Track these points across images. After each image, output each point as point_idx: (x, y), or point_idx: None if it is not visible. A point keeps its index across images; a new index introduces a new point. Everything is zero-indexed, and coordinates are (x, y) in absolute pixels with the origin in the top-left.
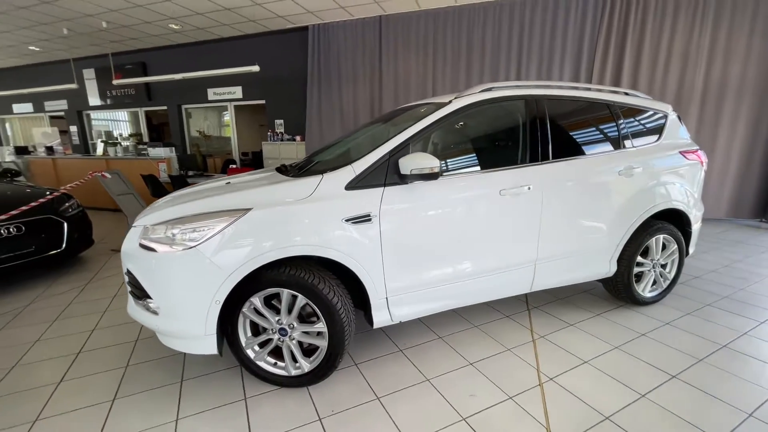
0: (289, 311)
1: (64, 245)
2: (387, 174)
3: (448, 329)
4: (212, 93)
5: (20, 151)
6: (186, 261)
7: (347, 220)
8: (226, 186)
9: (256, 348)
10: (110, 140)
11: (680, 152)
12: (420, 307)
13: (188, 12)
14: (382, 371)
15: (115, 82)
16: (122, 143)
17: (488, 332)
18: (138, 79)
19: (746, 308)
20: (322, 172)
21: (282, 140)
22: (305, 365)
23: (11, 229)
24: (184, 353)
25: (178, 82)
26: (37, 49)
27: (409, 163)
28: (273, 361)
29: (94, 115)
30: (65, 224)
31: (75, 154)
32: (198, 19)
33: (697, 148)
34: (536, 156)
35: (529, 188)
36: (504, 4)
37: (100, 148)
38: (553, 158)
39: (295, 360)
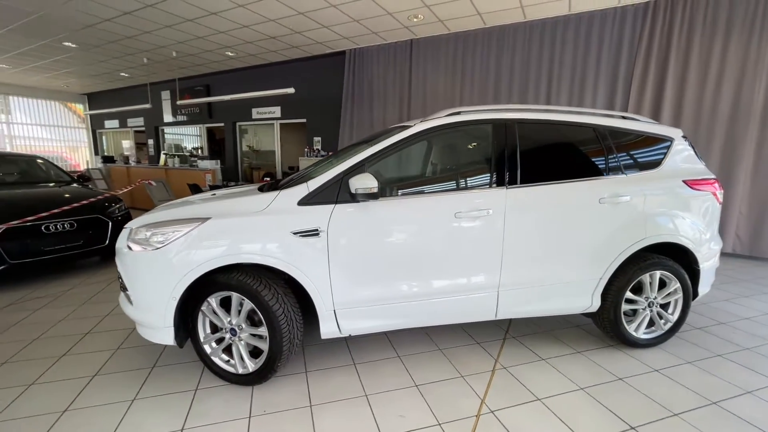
0: (240, 314)
1: (107, 241)
2: (339, 192)
3: (411, 349)
4: (255, 112)
5: (107, 160)
6: (152, 260)
7: (295, 233)
8: (208, 197)
9: (213, 344)
10: (171, 152)
11: (685, 182)
12: (370, 323)
13: (240, 41)
14: (328, 381)
15: (178, 102)
16: (178, 155)
17: (450, 356)
18: (196, 100)
19: None
20: (283, 188)
21: (317, 156)
22: (250, 365)
23: (65, 225)
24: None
25: (233, 101)
26: (126, 74)
27: (354, 183)
28: (227, 358)
29: (168, 129)
30: (110, 223)
31: (144, 164)
32: (248, 47)
33: (712, 178)
34: (502, 180)
35: (489, 212)
36: (534, 25)
37: (162, 160)
38: (521, 183)
39: (243, 360)
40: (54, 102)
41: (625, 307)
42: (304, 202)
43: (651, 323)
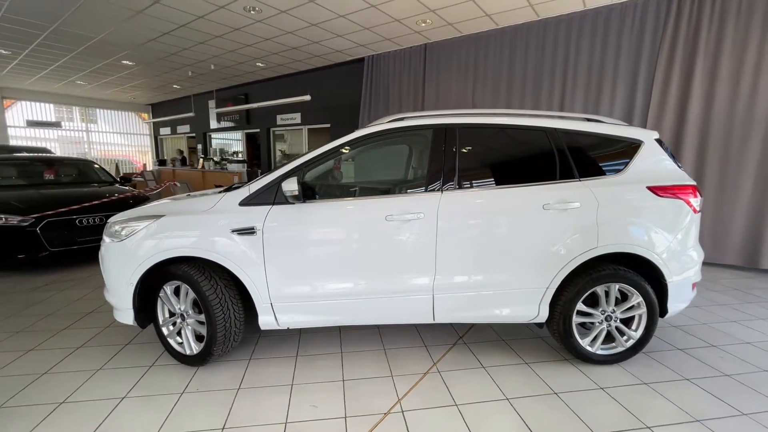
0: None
1: None
2: (276, 195)
3: (357, 347)
4: (279, 119)
5: (161, 163)
6: (117, 250)
7: (233, 231)
8: (183, 197)
9: (171, 327)
10: (208, 156)
11: (650, 188)
12: (307, 318)
13: (266, 53)
14: (264, 369)
15: (216, 110)
16: (213, 159)
17: (391, 356)
18: (230, 108)
19: (742, 393)
20: (230, 189)
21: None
22: (195, 348)
23: (96, 220)
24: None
25: (266, 108)
26: (178, 86)
27: (284, 186)
28: (180, 341)
29: (215, 135)
30: None
31: (186, 167)
32: (275, 57)
33: (685, 185)
34: (437, 185)
35: (420, 216)
36: (549, 23)
37: (200, 163)
38: (459, 187)
39: (190, 342)
40: (126, 112)
41: (578, 319)
42: (245, 202)
43: (611, 339)
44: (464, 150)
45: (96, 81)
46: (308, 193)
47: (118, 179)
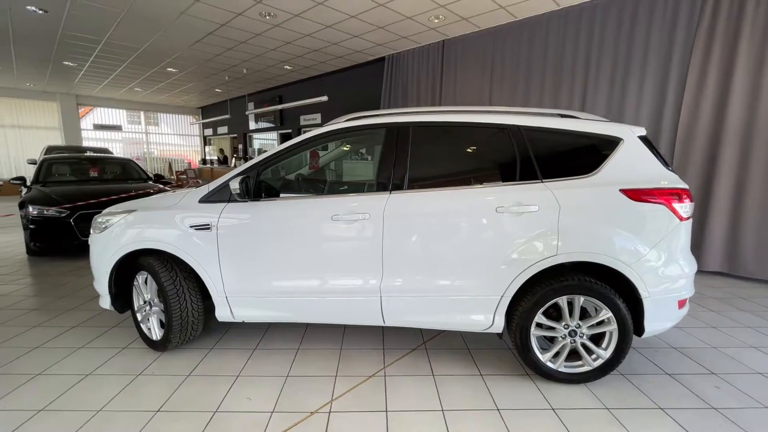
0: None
1: None
2: (231, 193)
3: (315, 344)
4: (302, 119)
5: (204, 162)
6: (97, 241)
7: (191, 226)
8: (167, 194)
9: (142, 314)
10: (239, 155)
11: (624, 191)
12: (259, 313)
13: (291, 56)
14: (220, 359)
15: (246, 112)
16: (245, 158)
17: (344, 356)
18: (262, 109)
19: (722, 428)
20: (194, 186)
21: (361, 158)
22: (158, 335)
23: None
24: None
25: (296, 109)
26: (219, 90)
27: (230, 185)
28: (149, 326)
29: (256, 135)
30: None
31: (223, 165)
32: (300, 60)
33: (670, 187)
34: (386, 185)
35: (366, 216)
36: (571, 11)
37: (232, 162)
38: (408, 188)
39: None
40: (181, 115)
41: (538, 332)
42: (204, 200)
43: (578, 356)
44: (416, 149)
45: (150, 87)
46: (271, 192)
47: (152, 177)
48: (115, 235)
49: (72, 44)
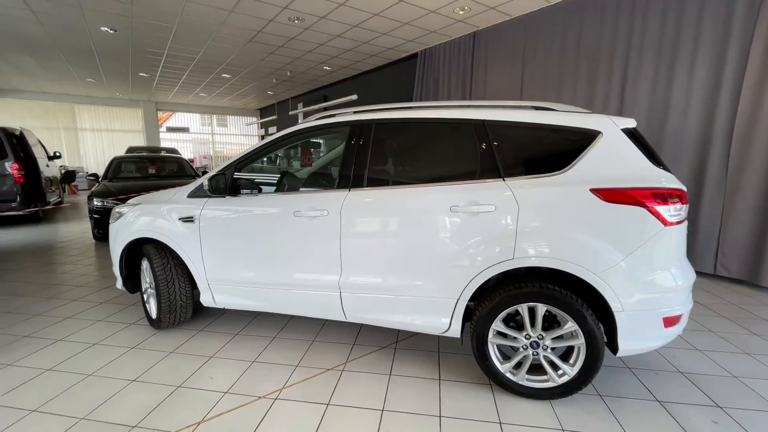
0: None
1: None
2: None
3: (293, 334)
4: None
5: None
6: (113, 230)
7: (180, 219)
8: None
9: (147, 295)
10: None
11: (595, 191)
12: (237, 301)
13: (327, 57)
14: (202, 341)
15: (290, 113)
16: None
17: (313, 348)
18: (299, 110)
19: None
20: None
21: None
22: (155, 315)
23: None
24: None
25: (331, 108)
26: (271, 93)
27: (204, 183)
28: (150, 307)
29: None
30: None
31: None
32: (336, 60)
33: (652, 187)
34: (346, 182)
35: (324, 213)
36: None
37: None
38: (367, 186)
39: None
40: (243, 116)
41: (497, 340)
42: (191, 195)
43: (538, 369)
44: (377, 147)
45: (212, 92)
46: (250, 188)
47: (200, 174)
48: (124, 225)
49: (142, 58)
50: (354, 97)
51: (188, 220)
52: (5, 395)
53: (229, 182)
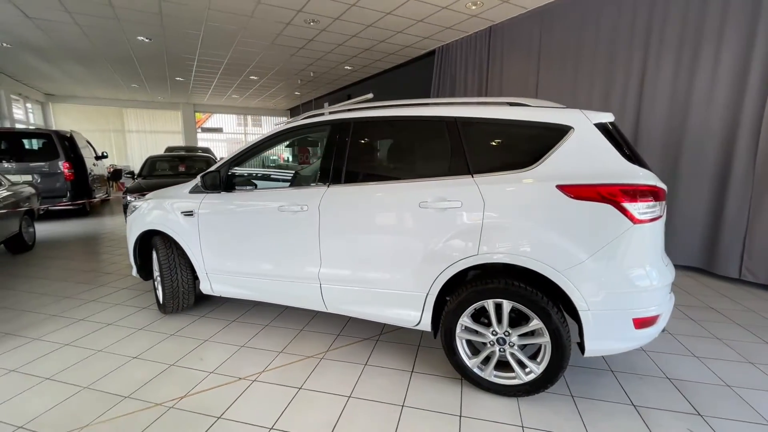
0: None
1: None
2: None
3: (284, 323)
4: None
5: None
6: (128, 222)
7: (182, 213)
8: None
9: (156, 281)
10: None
11: (561, 187)
12: (231, 289)
13: (346, 56)
14: (201, 326)
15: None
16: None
17: (300, 336)
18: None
19: None
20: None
21: None
22: (161, 300)
23: None
24: None
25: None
26: (298, 93)
27: (198, 179)
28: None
29: None
30: None
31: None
32: (356, 60)
33: (620, 183)
34: (326, 178)
35: (305, 208)
36: None
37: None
38: (345, 182)
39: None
40: (274, 117)
41: (465, 335)
42: (192, 190)
43: (505, 366)
44: (355, 145)
45: (243, 94)
46: (244, 184)
47: None
48: (138, 218)
49: (176, 63)
50: (370, 95)
51: (188, 214)
52: (27, 365)
53: (223, 179)
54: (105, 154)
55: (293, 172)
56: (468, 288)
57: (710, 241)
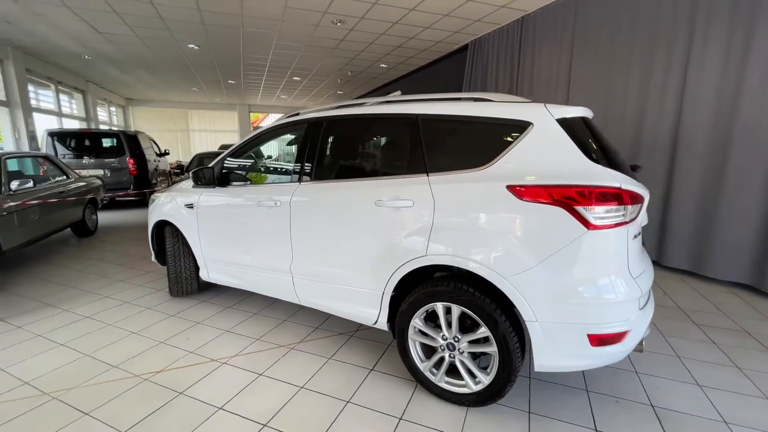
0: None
1: None
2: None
3: (270, 313)
4: None
5: None
6: (149, 212)
7: (185, 205)
8: None
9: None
10: None
11: (511, 188)
12: (222, 277)
13: (380, 55)
14: (200, 310)
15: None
16: None
17: (282, 326)
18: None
19: None
20: None
21: None
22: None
23: None
24: None
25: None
26: (341, 92)
27: (191, 175)
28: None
29: None
30: None
31: None
32: (390, 58)
33: (580, 185)
34: (299, 176)
35: (279, 203)
36: None
37: None
38: (314, 179)
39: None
40: None
41: (418, 338)
42: (194, 185)
43: (454, 372)
44: (326, 143)
45: (290, 94)
46: (237, 180)
47: None
48: (155, 209)
49: (225, 67)
50: (398, 93)
51: (190, 206)
52: (52, 331)
53: (217, 174)
54: (167, 151)
55: (283, 168)
56: (420, 289)
57: (762, 256)
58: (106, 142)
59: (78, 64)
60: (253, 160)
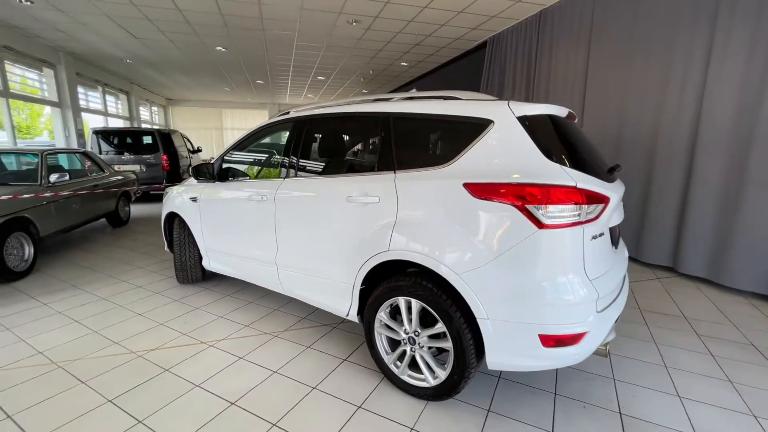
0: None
1: None
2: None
3: (264, 303)
4: None
5: None
6: (164, 202)
7: (190, 198)
8: None
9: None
10: None
11: (467, 186)
12: (220, 267)
13: (399, 53)
14: (201, 297)
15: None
16: None
17: (273, 315)
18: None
19: None
20: None
21: None
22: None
23: None
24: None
25: None
26: (365, 90)
27: (190, 171)
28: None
29: None
30: None
31: None
32: (409, 56)
33: (530, 184)
34: (284, 172)
35: (265, 198)
36: None
37: None
38: (296, 175)
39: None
40: None
41: (383, 331)
42: (197, 180)
43: (416, 366)
44: (309, 140)
45: (317, 93)
46: (236, 175)
47: None
48: (168, 201)
49: (253, 68)
50: (413, 91)
51: (194, 199)
52: (71, 309)
53: (216, 170)
54: (199, 148)
55: (272, 164)
56: (384, 284)
57: None
58: (143, 140)
59: (121, 67)
60: (248, 157)
